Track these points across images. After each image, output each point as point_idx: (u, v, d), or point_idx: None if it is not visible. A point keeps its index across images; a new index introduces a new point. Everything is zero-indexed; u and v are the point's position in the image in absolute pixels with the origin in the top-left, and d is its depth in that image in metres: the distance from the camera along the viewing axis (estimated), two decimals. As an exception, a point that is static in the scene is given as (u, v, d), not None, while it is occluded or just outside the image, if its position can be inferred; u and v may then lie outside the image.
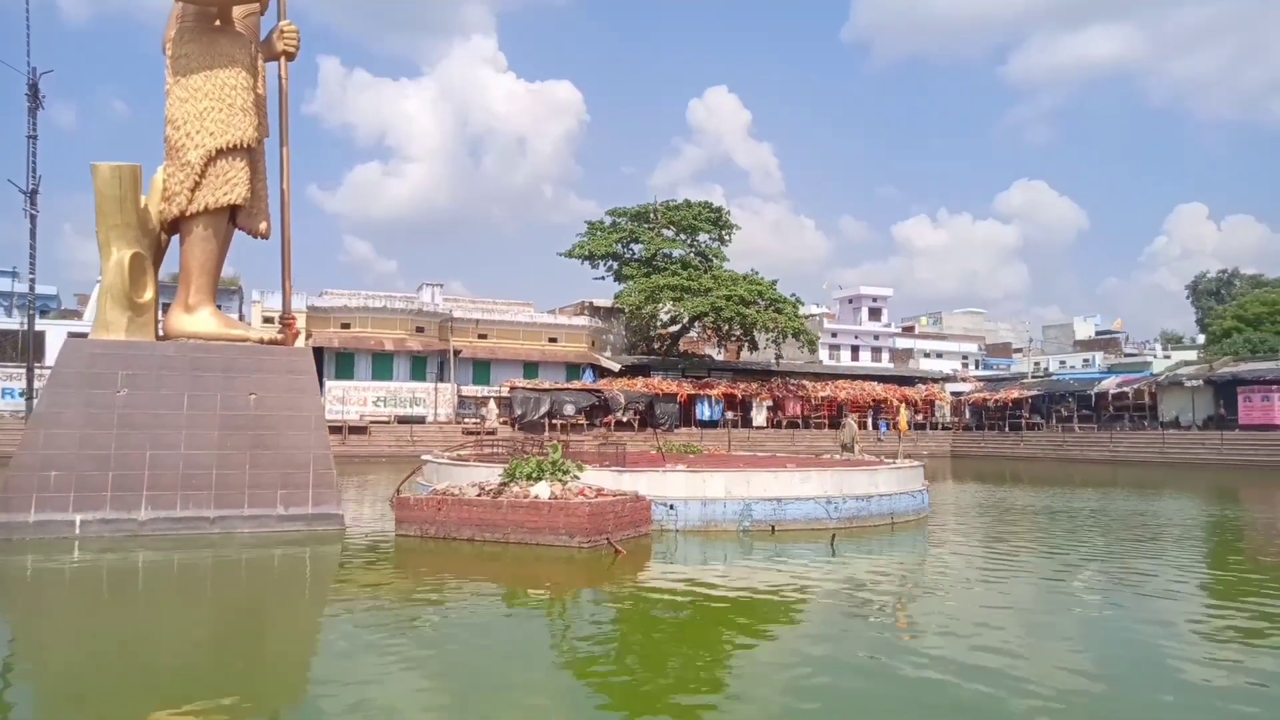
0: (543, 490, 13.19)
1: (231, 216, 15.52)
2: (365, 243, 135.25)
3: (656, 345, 58.04)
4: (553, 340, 53.90)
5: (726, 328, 52.86)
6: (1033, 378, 56.45)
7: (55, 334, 43.28)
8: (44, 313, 53.51)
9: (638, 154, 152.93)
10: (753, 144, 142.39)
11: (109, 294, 14.37)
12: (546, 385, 49.12)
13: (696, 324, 54.48)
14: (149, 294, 14.79)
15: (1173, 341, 74.36)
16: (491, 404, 47.55)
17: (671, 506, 14.11)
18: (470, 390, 49.66)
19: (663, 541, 13.63)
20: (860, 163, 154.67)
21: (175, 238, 15.73)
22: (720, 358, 59.78)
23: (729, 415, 51.40)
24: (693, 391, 51.06)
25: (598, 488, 13.62)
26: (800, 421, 52.44)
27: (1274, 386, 38.59)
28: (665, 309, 52.11)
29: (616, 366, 52.68)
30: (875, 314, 64.23)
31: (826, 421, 53.37)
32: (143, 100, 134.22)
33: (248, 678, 7.04)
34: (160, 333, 15.29)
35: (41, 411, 13.56)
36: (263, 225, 15.87)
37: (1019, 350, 73.20)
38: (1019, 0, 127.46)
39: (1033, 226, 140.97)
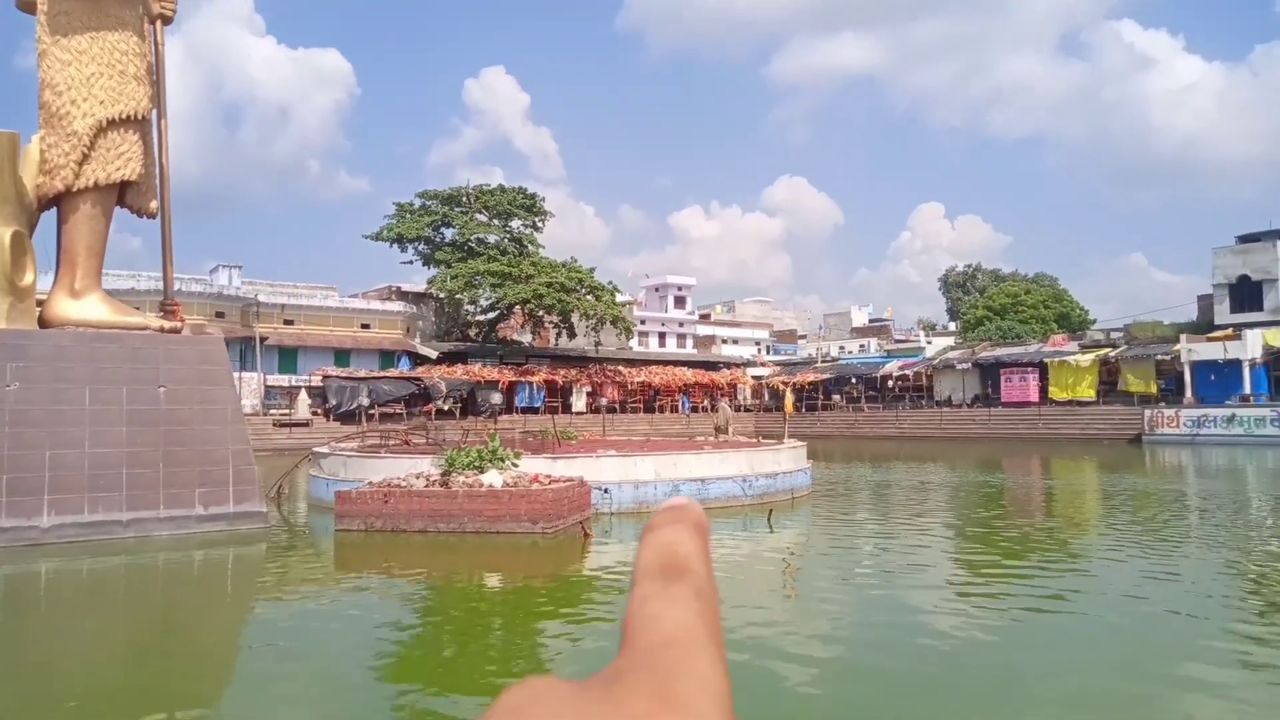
0: (494, 479, 13.37)
1: (120, 194, 14.23)
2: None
3: (473, 332, 57.44)
4: (365, 326, 51.91)
5: (545, 315, 53.33)
6: (822, 362, 61.50)
7: None
8: None
9: (413, 132, 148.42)
10: (532, 128, 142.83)
11: (-15, 276, 12.77)
12: (362, 374, 47.36)
13: (514, 310, 54.47)
14: (29, 277, 13.31)
15: (929, 329, 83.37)
16: (303, 394, 45.16)
17: (606, 490, 14.71)
18: (277, 380, 46.85)
19: (599, 524, 14.24)
20: (638, 152, 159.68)
21: (43, 214, 14.21)
22: (529, 343, 60.08)
23: (549, 402, 52.03)
24: (514, 378, 51.20)
25: (535, 474, 13.96)
26: (618, 406, 54.02)
27: (1029, 369, 44.78)
28: (484, 295, 51.70)
29: (434, 354, 51.64)
30: (680, 302, 67.10)
31: (642, 406, 55.42)
32: None
33: (164, 695, 6.53)
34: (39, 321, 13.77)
35: (-84, 409, 11.90)
36: (153, 204, 14.68)
37: (803, 336, 79.23)
38: (778, 2, 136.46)
39: (795, 220, 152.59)
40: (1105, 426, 39.94)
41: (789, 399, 30.03)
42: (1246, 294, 43.02)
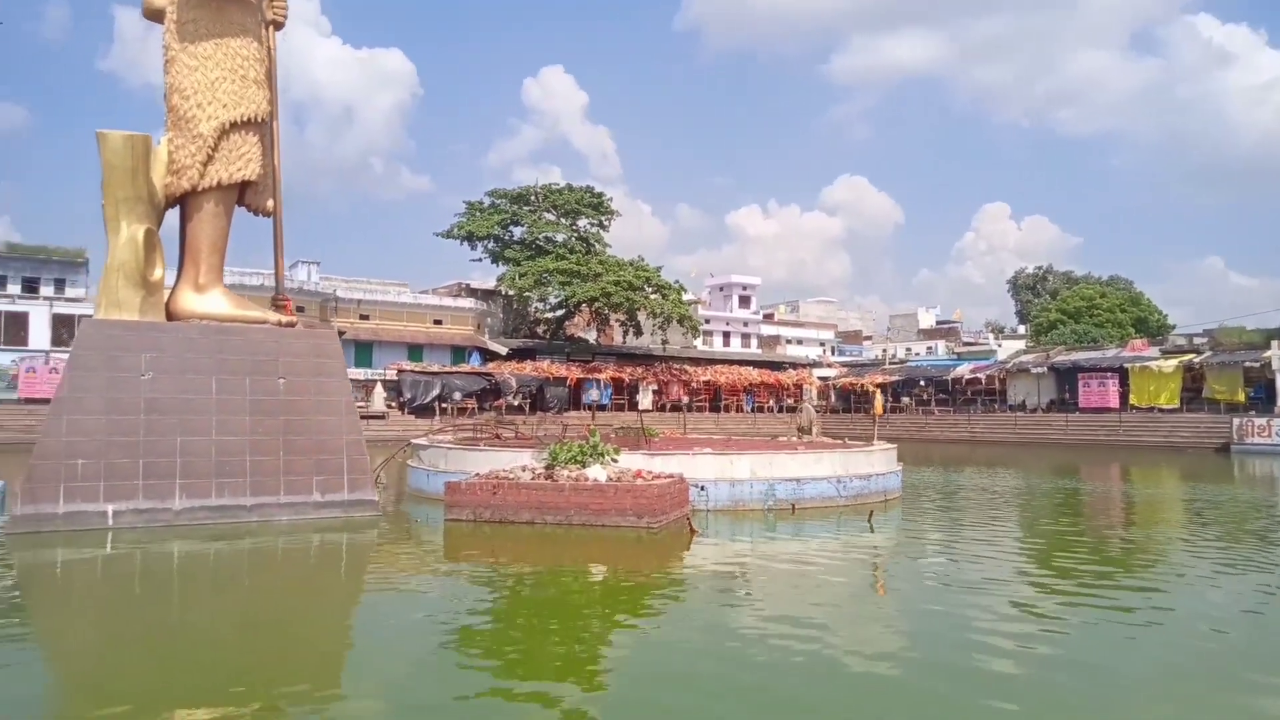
0: (598, 473, 13.64)
1: (239, 193, 14.84)
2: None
3: (541, 329, 58.13)
4: (437, 322, 52.93)
5: (612, 313, 53.74)
6: (891, 364, 60.83)
7: (38, 314, 38.74)
8: None
9: (472, 130, 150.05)
10: (590, 127, 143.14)
11: (120, 272, 13.43)
12: (435, 368, 48.31)
13: (581, 308, 54.99)
14: (159, 272, 13.95)
15: (998, 331, 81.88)
16: (379, 387, 46.26)
17: (702, 488, 14.87)
18: (353, 373, 47.94)
19: (695, 520, 14.40)
20: (695, 151, 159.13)
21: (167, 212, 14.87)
22: (594, 341, 60.54)
23: (616, 399, 52.42)
24: (582, 375, 51.68)
25: (637, 470, 14.19)
26: (683, 405, 54.16)
27: (1108, 374, 43.74)
28: (553, 293, 52.30)
29: (504, 350, 52.45)
30: (745, 301, 67.04)
31: (707, 405, 55.48)
32: None
33: (287, 669, 6.96)
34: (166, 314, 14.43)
35: (64, 396, 12.58)
36: (269, 203, 15.26)
37: (868, 338, 78.44)
38: (835, 2, 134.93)
39: (855, 219, 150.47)
40: (1190, 434, 38.84)
41: (878, 400, 29.81)
42: (1343, 299, 41.41)
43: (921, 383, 54.49)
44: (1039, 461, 32.59)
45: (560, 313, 56.32)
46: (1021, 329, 77.68)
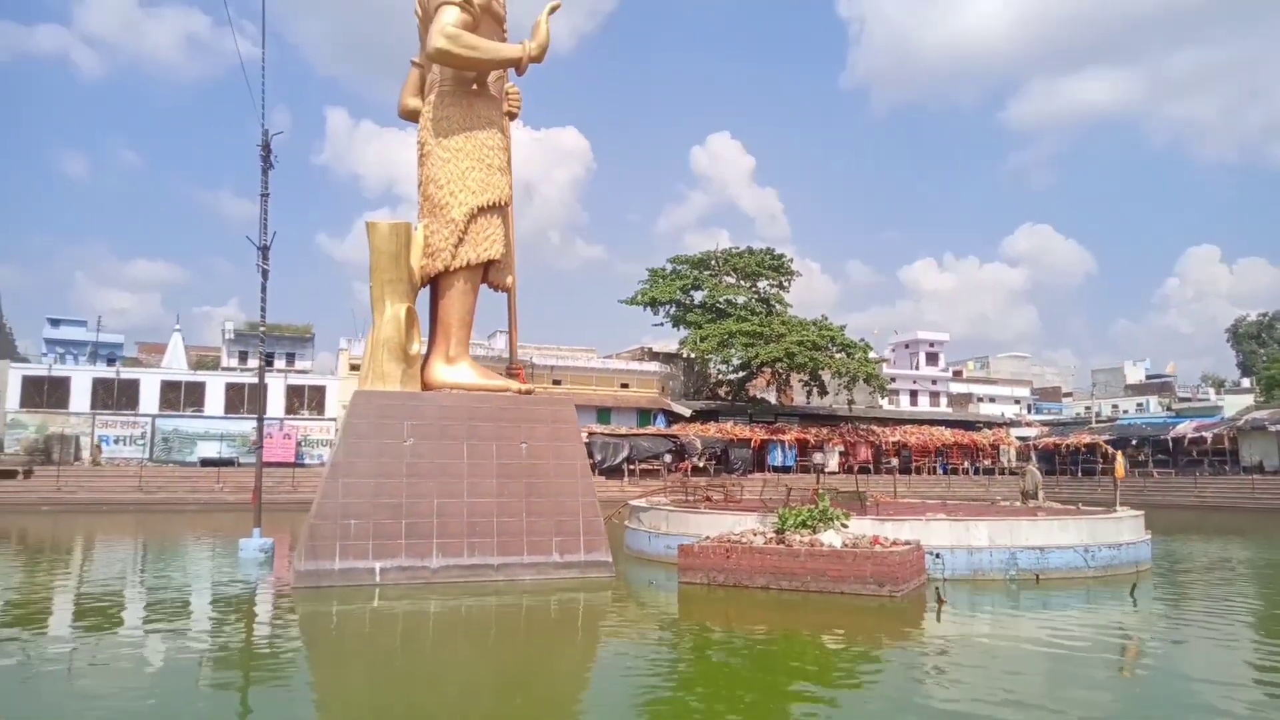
0: (833, 539, 13.49)
1: (483, 271, 16.00)
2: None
3: (722, 391, 58.42)
4: (624, 386, 54.30)
5: (795, 373, 53.29)
6: (1098, 422, 56.74)
7: (149, 382, 43.91)
8: (110, 360, 54.22)
9: (643, 199, 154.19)
10: (756, 189, 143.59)
11: (385, 347, 14.77)
12: (623, 431, 49.45)
13: (763, 369, 54.89)
14: (416, 346, 15.20)
15: (1218, 385, 74.81)
16: (570, 449, 47.75)
17: (938, 555, 14.38)
18: (545, 436, 49.88)
19: (930, 589, 13.88)
20: (864, 207, 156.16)
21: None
22: (775, 401, 60.07)
23: (801, 460, 51.64)
24: (765, 436, 51.37)
25: (873, 536, 13.90)
26: (870, 467, 52.58)
27: (1365, 431, 38.94)
28: (736, 354, 52.53)
29: (688, 412, 53.01)
30: (932, 359, 64.76)
31: (897, 466, 53.58)
32: (148, 148, 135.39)
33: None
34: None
35: (339, 461, 13.88)
36: (509, 279, 16.36)
37: (1068, 394, 73.62)
38: (1010, 47, 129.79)
39: (1040, 269, 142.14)
40: None
41: (1120, 462, 27.84)
42: None
43: (1134, 442, 50.45)
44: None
45: (742, 374, 56.41)
46: (1245, 382, 70.60)
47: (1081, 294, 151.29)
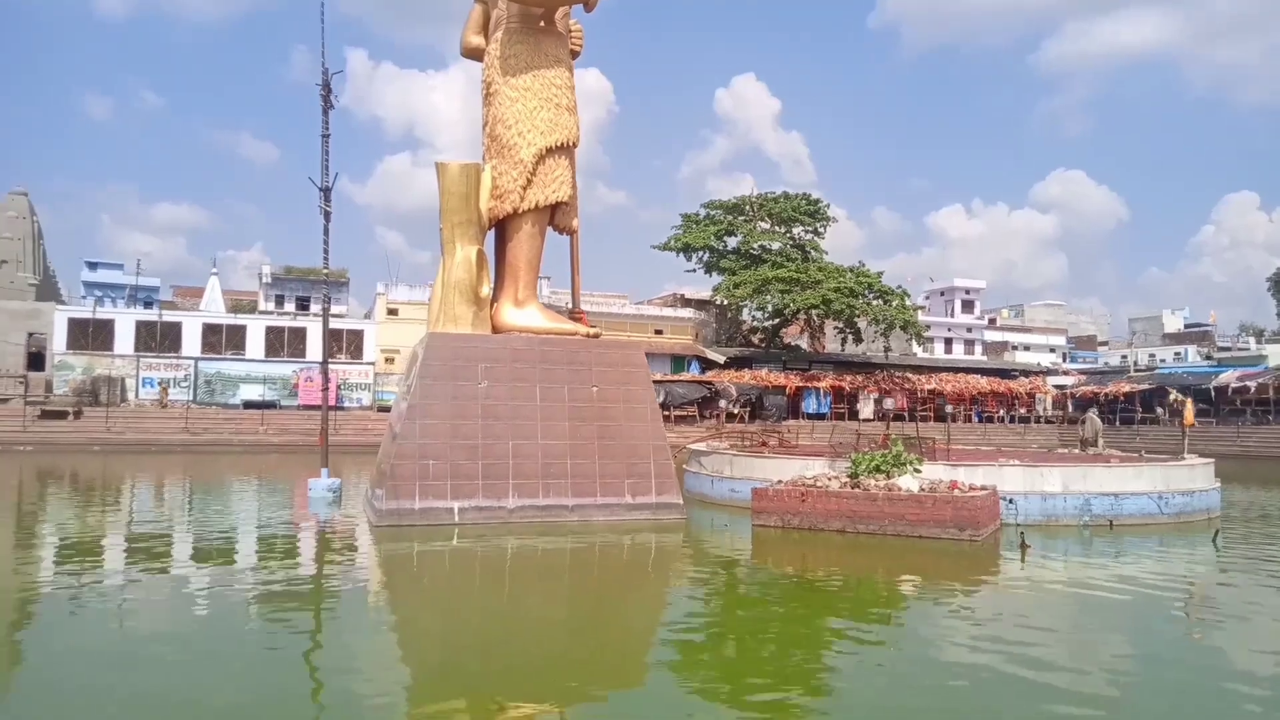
0: (910, 483, 13.46)
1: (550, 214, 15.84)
2: (396, 233, 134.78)
3: (756, 338, 58.21)
4: (658, 332, 54.21)
5: (829, 320, 52.93)
6: (1136, 371, 56.14)
7: (191, 325, 44.32)
8: (146, 304, 54.74)
9: (666, 144, 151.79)
10: (782, 134, 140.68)
11: (456, 289, 14.73)
12: (658, 377, 49.46)
13: (797, 316, 54.57)
14: (487, 289, 15.15)
15: (1258, 334, 73.61)
16: (606, 395, 47.91)
17: (1011, 500, 14.33)
18: (581, 381, 50.06)
19: (1005, 534, 13.87)
20: (892, 153, 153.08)
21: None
22: (808, 348, 59.87)
23: (836, 408, 51.59)
24: (800, 384, 51.26)
25: (952, 481, 13.86)
26: (905, 415, 52.41)
27: None
28: (771, 301, 52.16)
29: (722, 359, 52.91)
30: (968, 306, 64.10)
31: (933, 415, 53.43)
32: (172, 91, 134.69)
33: (604, 658, 7.53)
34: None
35: (417, 403, 13.94)
36: (575, 222, 16.20)
37: (1104, 343, 72.79)
38: None
39: (1071, 216, 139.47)
40: None
41: (1189, 409, 27.51)
42: None
43: (1175, 391, 49.88)
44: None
45: (775, 321, 56.09)
46: (1287, 331, 69.49)
47: (1112, 241, 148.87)
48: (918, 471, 14.21)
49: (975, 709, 6.13)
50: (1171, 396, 44.82)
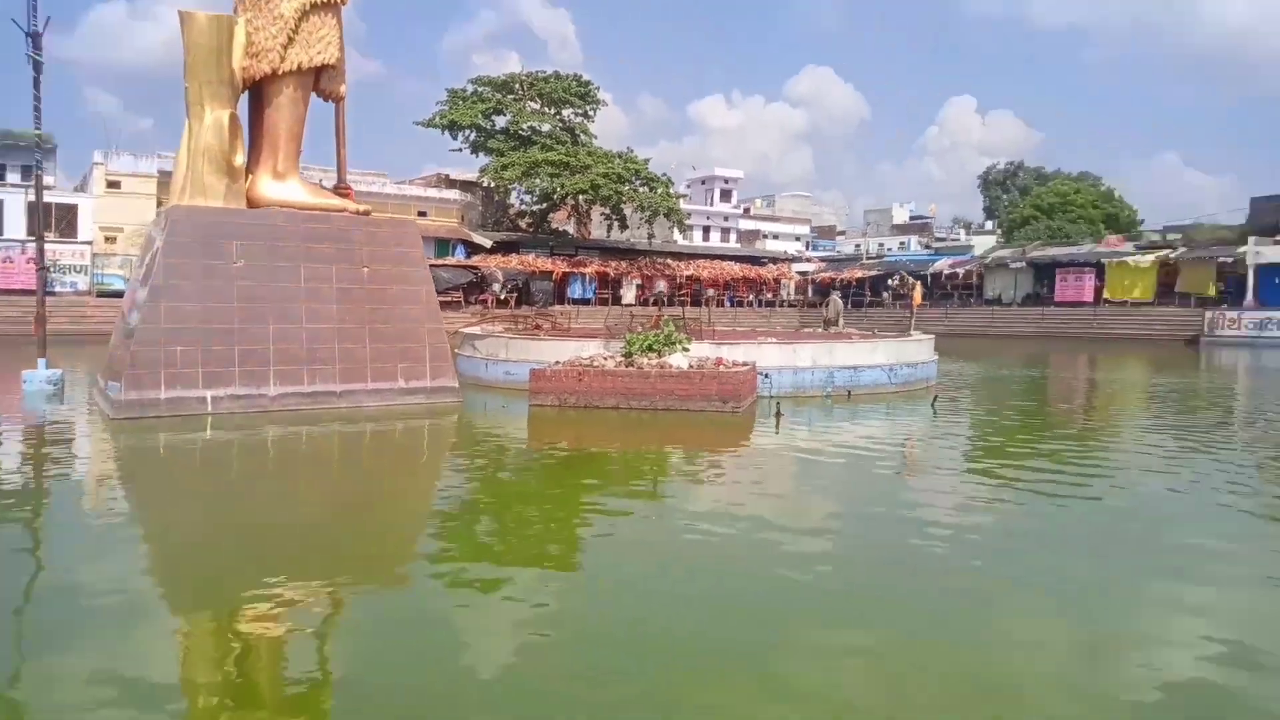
0: (680, 361, 14.21)
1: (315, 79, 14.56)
2: (111, 96, 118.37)
3: (523, 222, 57.63)
4: (422, 214, 52.06)
5: (598, 206, 53.37)
6: (868, 259, 61.74)
7: (13, 202, 37.08)
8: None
9: (428, 13, 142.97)
10: (549, 9, 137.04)
11: (205, 157, 13.28)
12: (423, 260, 47.95)
13: (565, 201, 54.50)
14: (241, 158, 13.80)
15: (967, 227, 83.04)
16: (367, 279, 45.81)
17: (767, 375, 15.55)
18: (338, 265, 47.41)
19: (761, 406, 15.11)
20: (659, 39, 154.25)
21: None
22: (573, 234, 60.30)
23: (601, 293, 52.75)
24: (567, 269, 51.77)
25: (717, 358, 14.79)
26: (666, 299, 54.62)
27: (1085, 269, 45.18)
28: (540, 185, 51.60)
29: (489, 243, 52.01)
30: (726, 195, 66.87)
31: (689, 300, 56.04)
32: None
33: (367, 550, 7.00)
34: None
35: (160, 284, 12.61)
36: (342, 88, 15.02)
37: (842, 233, 79.11)
38: None
39: (819, 112, 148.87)
40: (1163, 327, 40.62)
41: (918, 291, 30.51)
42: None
43: (908, 275, 55.63)
44: (1015, 352, 34.05)
45: (544, 205, 55.70)
46: (989, 225, 78.83)
47: (855, 138, 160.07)
48: (686, 350, 15.01)
49: (706, 568, 6.47)
50: (899, 281, 49.71)
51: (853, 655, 4.89)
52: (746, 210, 74.16)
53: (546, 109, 55.09)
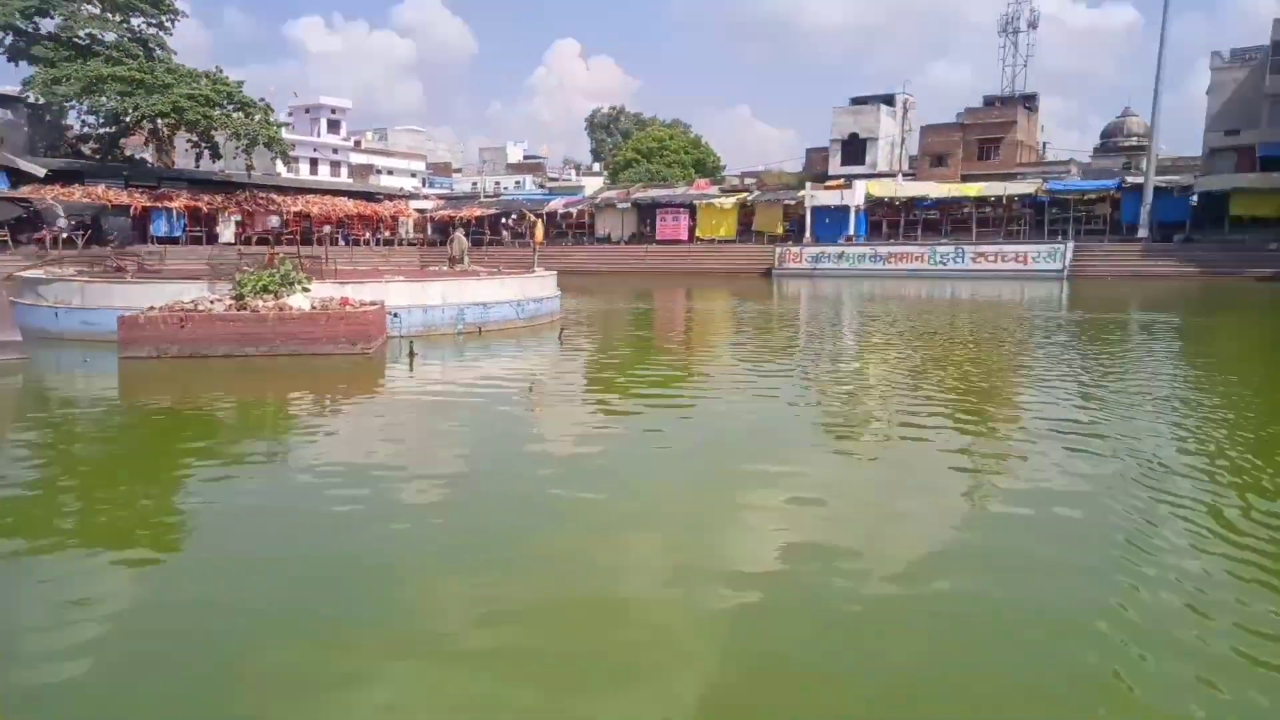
0: (301, 302, 13.27)
1: None
2: None
3: (88, 148, 49.26)
4: (-61, 133, 42.15)
5: (181, 131, 47.24)
6: (486, 197, 62.15)
7: None
8: None
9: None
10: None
11: None
12: (-52, 192, 39.02)
13: (141, 125, 47.47)
14: None
15: (577, 168, 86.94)
16: None
17: (396, 314, 15.14)
18: None
19: (392, 346, 14.76)
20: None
21: None
22: (154, 164, 53.12)
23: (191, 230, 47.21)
24: (148, 204, 45.42)
25: (343, 298, 14.07)
26: (271, 238, 50.45)
27: (681, 210, 49.81)
28: (107, 104, 44.24)
29: (42, 171, 43.74)
30: (334, 127, 62.67)
31: (298, 238, 52.23)
32: None
33: None
34: None
35: None
36: None
37: (458, 170, 78.45)
38: None
39: (428, 44, 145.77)
40: (744, 262, 46.30)
41: (539, 229, 30.86)
42: (854, 150, 51.32)
43: (530, 214, 56.89)
44: (625, 287, 36.87)
45: (113, 129, 48.01)
46: (597, 166, 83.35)
47: (466, 74, 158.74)
48: (307, 291, 14.06)
49: (325, 526, 6.04)
50: (520, 218, 50.80)
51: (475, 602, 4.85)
52: (357, 143, 70.45)
53: (111, 15, 47.12)
